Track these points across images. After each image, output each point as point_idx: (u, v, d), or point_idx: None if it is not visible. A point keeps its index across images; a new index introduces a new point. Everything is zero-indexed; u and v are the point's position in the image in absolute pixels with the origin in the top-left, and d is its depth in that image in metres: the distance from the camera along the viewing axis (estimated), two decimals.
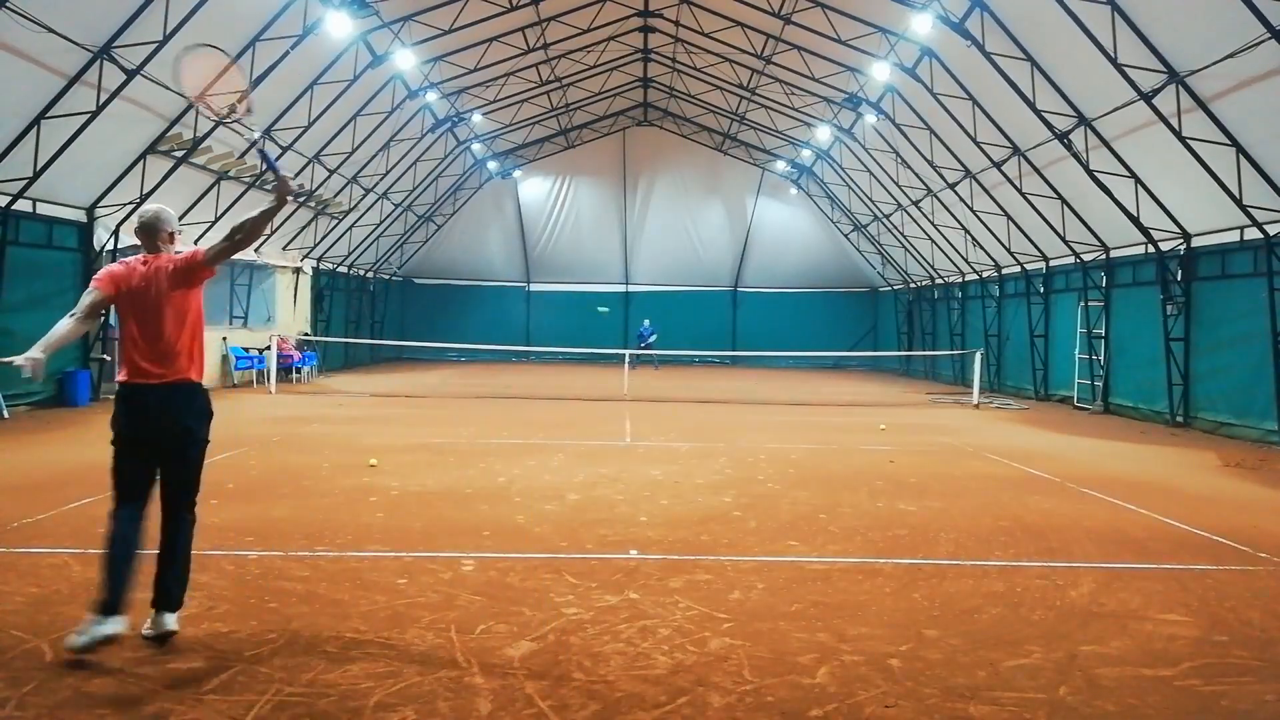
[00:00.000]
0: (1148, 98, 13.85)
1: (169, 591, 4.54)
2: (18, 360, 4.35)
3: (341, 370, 27.84)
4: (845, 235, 34.04)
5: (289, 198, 4.72)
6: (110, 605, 4.30)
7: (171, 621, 4.50)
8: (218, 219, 19.75)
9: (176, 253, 4.74)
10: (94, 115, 13.83)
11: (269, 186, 4.67)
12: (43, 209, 15.10)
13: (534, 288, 36.08)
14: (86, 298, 4.58)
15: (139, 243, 4.80)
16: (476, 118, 27.84)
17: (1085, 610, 5.46)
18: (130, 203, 16.38)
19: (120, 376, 4.63)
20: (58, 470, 9.43)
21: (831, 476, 10.04)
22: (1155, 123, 14.18)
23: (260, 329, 23.42)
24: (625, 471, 10.05)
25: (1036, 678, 4.38)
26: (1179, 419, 16.28)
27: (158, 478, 4.60)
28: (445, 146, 28.64)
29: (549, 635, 4.85)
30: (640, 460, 10.94)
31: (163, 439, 4.56)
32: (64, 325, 4.54)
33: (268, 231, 22.25)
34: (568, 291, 35.86)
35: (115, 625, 4.30)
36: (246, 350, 21.92)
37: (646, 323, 32.38)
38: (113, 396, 4.70)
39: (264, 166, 4.54)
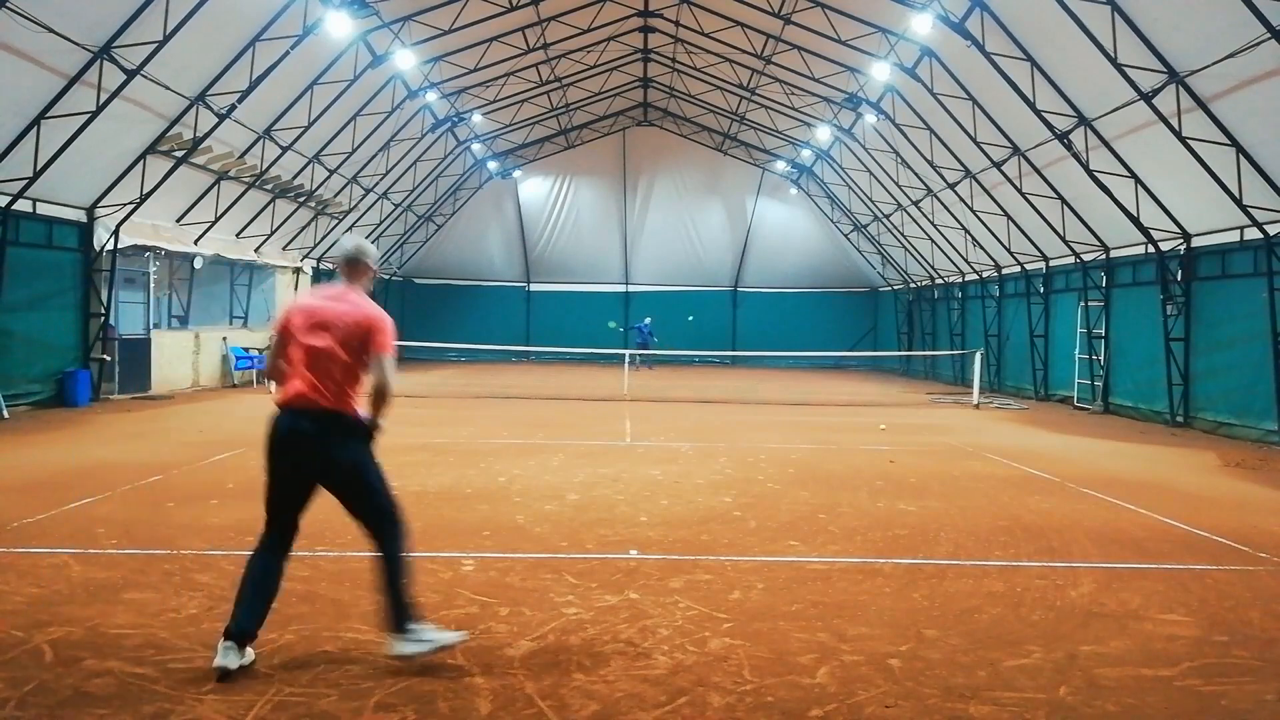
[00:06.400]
0: (1148, 98, 13.85)
1: None
2: None
3: None
4: (845, 235, 34.04)
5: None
6: None
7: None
8: (218, 219, 19.77)
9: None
10: (94, 115, 13.84)
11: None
12: (43, 209, 15.10)
13: (534, 288, 36.10)
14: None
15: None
16: (476, 118, 27.84)
17: (1085, 610, 5.46)
18: (130, 203, 16.39)
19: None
20: (58, 470, 9.43)
21: (831, 476, 10.03)
22: (1155, 123, 14.18)
23: (261, 329, 23.43)
24: (625, 471, 10.05)
25: (1036, 678, 4.38)
26: (1179, 419, 16.27)
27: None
28: (445, 146, 28.64)
29: (549, 635, 4.85)
30: (640, 460, 10.94)
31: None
32: None
33: (267, 231, 22.40)
34: (568, 291, 35.88)
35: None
36: (246, 350, 21.94)
37: (648, 320, 32.32)
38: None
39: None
